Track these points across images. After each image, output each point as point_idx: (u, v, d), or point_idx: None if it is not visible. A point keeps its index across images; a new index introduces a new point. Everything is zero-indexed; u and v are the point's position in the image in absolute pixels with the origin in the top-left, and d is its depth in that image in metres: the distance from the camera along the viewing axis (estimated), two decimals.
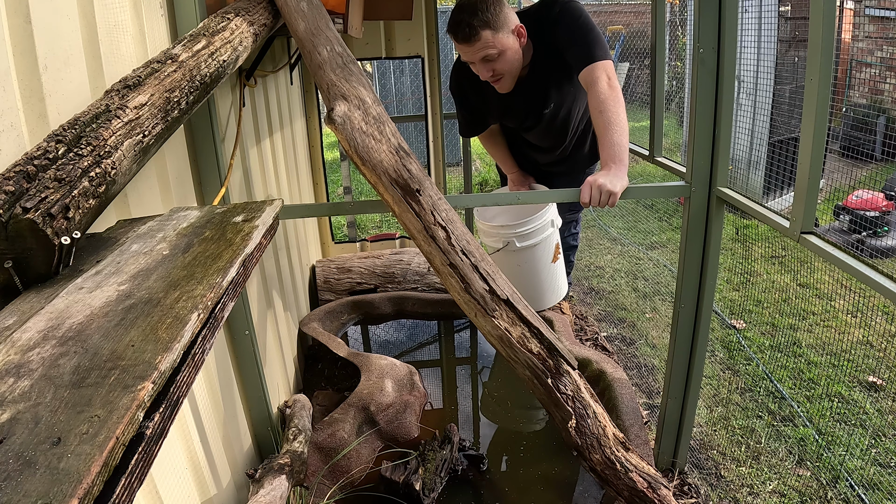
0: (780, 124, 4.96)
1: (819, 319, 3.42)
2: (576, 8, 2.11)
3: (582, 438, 1.41)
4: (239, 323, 1.83)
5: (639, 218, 5.45)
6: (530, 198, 1.96)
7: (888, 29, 5.67)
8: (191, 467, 1.48)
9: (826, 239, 1.45)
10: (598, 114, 1.91)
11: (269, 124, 2.58)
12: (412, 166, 1.46)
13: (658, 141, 2.39)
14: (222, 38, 1.29)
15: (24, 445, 0.52)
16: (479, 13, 1.97)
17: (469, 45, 2.02)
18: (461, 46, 2.05)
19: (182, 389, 0.67)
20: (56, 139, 0.84)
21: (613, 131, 1.86)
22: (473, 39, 2.00)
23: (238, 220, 1.03)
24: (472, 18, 1.97)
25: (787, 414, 2.60)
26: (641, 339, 3.32)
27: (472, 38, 1.99)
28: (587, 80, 2.01)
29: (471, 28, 1.97)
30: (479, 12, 1.97)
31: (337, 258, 3.43)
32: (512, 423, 2.29)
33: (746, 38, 4.52)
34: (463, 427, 2.25)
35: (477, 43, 2.00)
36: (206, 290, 0.78)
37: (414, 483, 1.85)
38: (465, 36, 1.99)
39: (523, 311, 1.41)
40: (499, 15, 2.00)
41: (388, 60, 3.67)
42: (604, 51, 2.03)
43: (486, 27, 1.98)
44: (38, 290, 0.79)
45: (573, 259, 2.96)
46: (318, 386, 2.59)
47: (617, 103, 1.91)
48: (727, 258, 4.36)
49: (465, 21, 1.97)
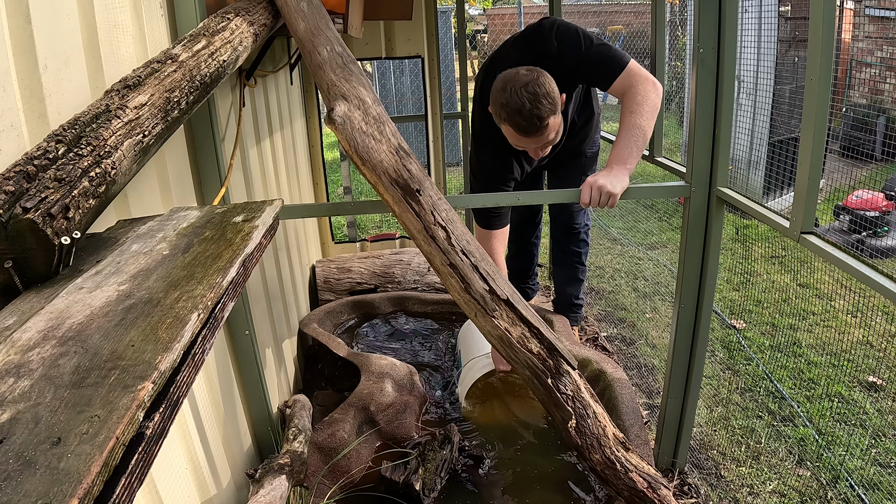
0: (780, 124, 4.96)
1: (819, 319, 3.42)
2: (568, 28, 2.04)
3: (582, 438, 1.41)
4: (239, 323, 1.83)
5: (639, 218, 5.45)
6: (531, 198, 1.96)
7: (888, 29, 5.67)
8: (191, 467, 1.48)
9: (826, 239, 1.45)
10: (629, 114, 1.88)
11: (269, 124, 2.58)
12: (412, 166, 1.46)
13: (658, 141, 2.39)
14: (222, 38, 1.29)
15: (24, 445, 0.52)
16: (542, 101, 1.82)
17: (535, 137, 1.90)
18: (522, 138, 1.91)
19: (182, 389, 0.67)
20: (56, 139, 0.84)
21: (632, 135, 1.85)
22: (541, 132, 1.88)
23: (238, 220, 1.03)
24: (540, 110, 1.82)
25: (787, 414, 2.60)
26: (641, 339, 3.32)
27: (540, 130, 1.87)
28: (622, 87, 1.93)
29: (541, 121, 1.84)
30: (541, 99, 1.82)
31: (337, 258, 3.43)
32: (512, 423, 2.29)
33: (746, 38, 4.52)
34: (463, 427, 2.25)
35: (543, 133, 1.89)
36: (206, 290, 0.78)
37: (414, 483, 1.86)
38: (535, 131, 1.86)
39: (523, 311, 1.41)
40: (556, 97, 1.86)
41: (388, 60, 3.67)
42: (620, 55, 1.97)
43: (550, 115, 1.86)
44: (38, 290, 0.79)
45: (584, 262, 2.91)
46: (318, 386, 2.59)
47: (650, 108, 1.88)
48: (727, 258, 4.37)
49: (533, 114, 1.82)
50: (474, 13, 13.36)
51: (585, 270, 2.96)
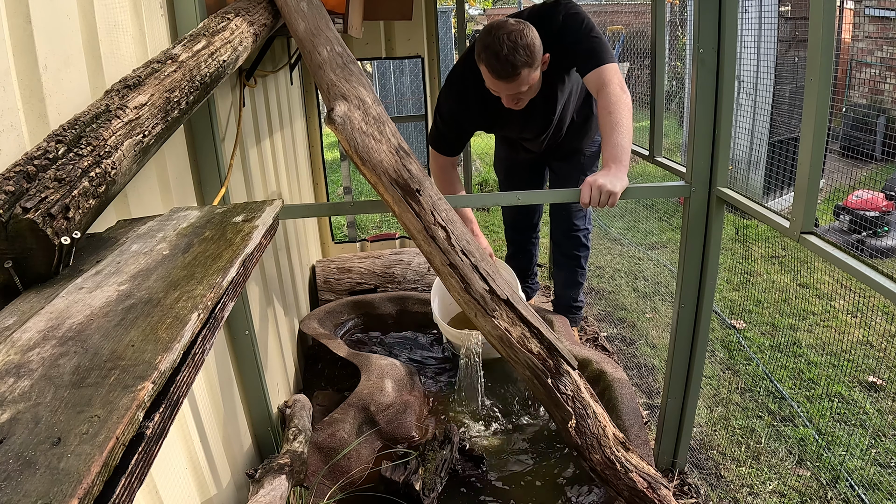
0: (780, 124, 4.96)
1: (819, 319, 3.42)
2: (578, 13, 2.11)
3: (582, 438, 1.41)
4: (239, 323, 1.83)
5: (639, 218, 5.44)
6: (530, 198, 1.96)
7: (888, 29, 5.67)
8: (191, 467, 1.48)
9: (826, 239, 1.45)
10: (608, 114, 1.93)
11: (269, 124, 2.58)
12: (412, 166, 1.46)
13: (658, 141, 2.39)
14: (222, 39, 1.29)
15: (24, 445, 0.52)
16: (520, 50, 1.90)
17: (506, 83, 1.97)
18: (496, 81, 1.99)
19: (182, 389, 0.67)
20: (56, 139, 0.84)
21: (619, 133, 1.89)
22: (513, 79, 1.95)
23: (238, 220, 1.03)
24: (515, 57, 1.90)
25: (787, 414, 2.60)
26: (641, 339, 3.32)
27: (511, 77, 1.94)
28: (597, 82, 2.01)
29: (514, 69, 1.92)
30: (520, 49, 1.90)
31: (337, 258, 3.43)
32: (512, 423, 2.29)
33: (746, 38, 4.52)
34: (463, 427, 2.25)
35: (515, 81, 1.96)
36: (206, 290, 0.78)
37: (414, 483, 1.86)
38: (506, 75, 1.94)
39: (523, 311, 1.41)
40: (535, 51, 1.95)
41: (388, 60, 3.67)
42: (610, 54, 2.05)
43: (526, 66, 1.93)
44: (38, 290, 0.79)
45: (584, 266, 2.92)
46: (318, 386, 2.59)
47: (626, 107, 1.94)
48: (727, 258, 4.36)
49: (508, 60, 1.91)
50: (474, 13, 13.36)
51: (585, 274, 2.96)
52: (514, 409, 2.37)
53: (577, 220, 2.76)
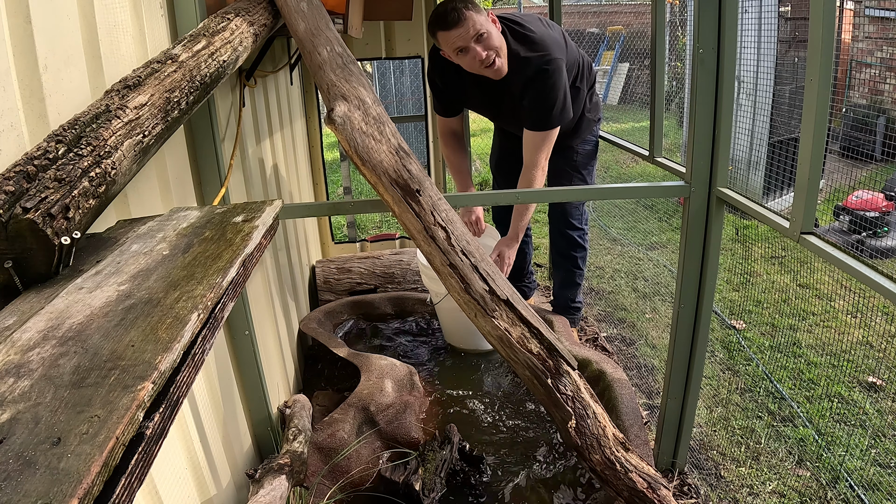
0: (780, 124, 4.96)
1: (819, 320, 3.42)
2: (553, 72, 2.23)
3: (582, 439, 1.41)
4: (239, 323, 1.83)
5: (639, 218, 5.44)
6: (530, 197, 1.96)
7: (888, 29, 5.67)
8: (190, 467, 1.48)
9: (826, 239, 1.45)
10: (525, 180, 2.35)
11: (269, 124, 2.58)
12: (412, 166, 1.46)
13: (658, 141, 2.39)
14: (222, 39, 1.29)
15: (24, 445, 0.52)
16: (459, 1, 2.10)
17: (458, 29, 2.11)
18: (449, 34, 2.13)
19: (182, 389, 0.67)
20: (56, 139, 0.84)
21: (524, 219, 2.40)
22: (462, 21, 2.09)
23: (238, 221, 1.03)
24: (455, 4, 2.10)
25: (786, 414, 2.60)
26: (641, 340, 3.32)
27: (460, 20, 2.09)
28: (531, 143, 2.31)
29: (458, 12, 2.09)
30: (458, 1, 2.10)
31: (337, 258, 3.43)
32: (512, 424, 2.29)
33: (746, 38, 4.52)
34: (463, 427, 2.25)
35: (465, 24, 2.09)
36: (206, 290, 0.78)
37: (414, 483, 1.86)
38: (455, 20, 2.09)
39: (523, 311, 1.41)
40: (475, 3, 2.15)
41: (388, 60, 3.67)
42: (556, 120, 2.28)
43: (469, 9, 2.10)
44: (38, 290, 0.79)
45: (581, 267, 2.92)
46: (318, 386, 2.59)
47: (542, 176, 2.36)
48: (727, 258, 4.36)
49: (450, 8, 2.10)
50: None
51: (582, 275, 2.96)
52: (514, 409, 2.37)
53: (572, 218, 2.77)
